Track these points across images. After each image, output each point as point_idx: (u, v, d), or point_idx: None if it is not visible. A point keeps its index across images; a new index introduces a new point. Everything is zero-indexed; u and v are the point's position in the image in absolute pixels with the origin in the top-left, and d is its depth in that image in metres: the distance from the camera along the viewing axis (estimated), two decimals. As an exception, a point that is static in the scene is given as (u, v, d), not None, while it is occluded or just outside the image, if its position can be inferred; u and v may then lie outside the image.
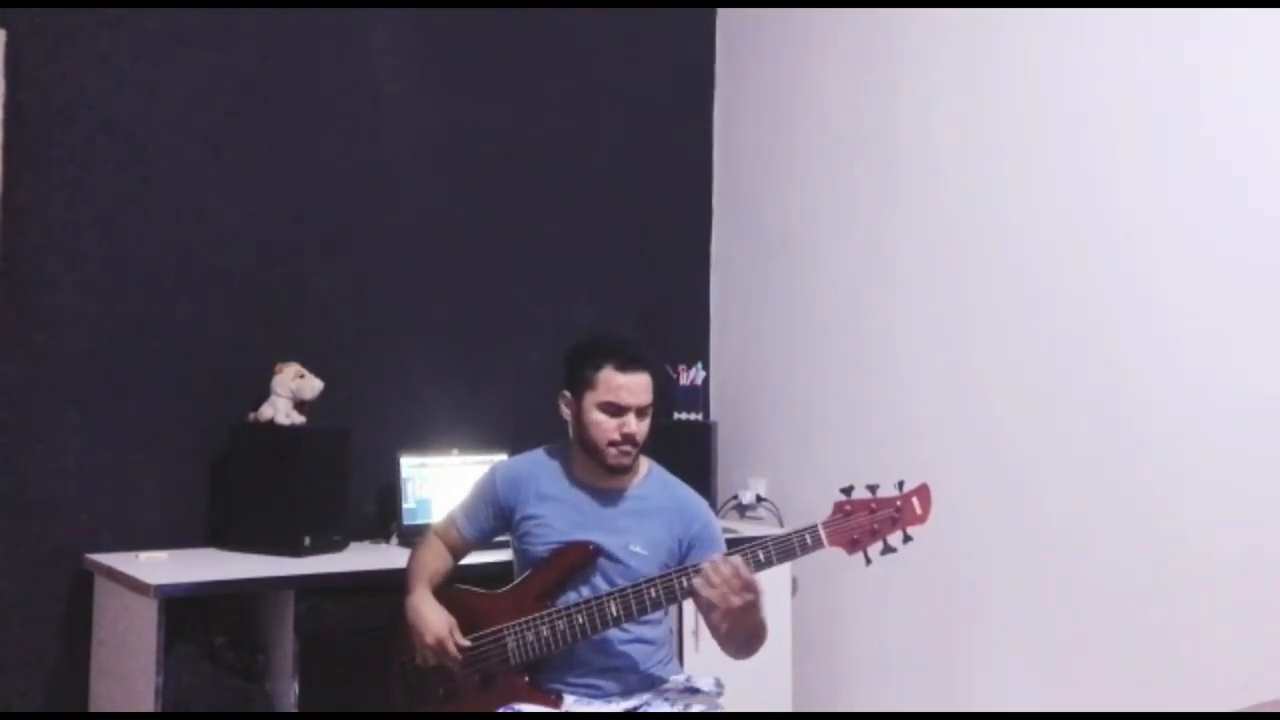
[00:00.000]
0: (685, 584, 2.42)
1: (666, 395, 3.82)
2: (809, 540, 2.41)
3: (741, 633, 2.44)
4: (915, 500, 2.42)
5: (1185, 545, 2.86)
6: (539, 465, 2.71)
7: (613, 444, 2.55)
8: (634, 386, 2.54)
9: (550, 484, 2.66)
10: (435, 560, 2.71)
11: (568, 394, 2.62)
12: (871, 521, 2.41)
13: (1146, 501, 2.94)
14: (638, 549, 2.57)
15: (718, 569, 2.35)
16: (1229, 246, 2.82)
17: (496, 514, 2.70)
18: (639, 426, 2.56)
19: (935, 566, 3.29)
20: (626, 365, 2.55)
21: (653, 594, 2.45)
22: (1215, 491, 2.81)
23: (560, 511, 2.62)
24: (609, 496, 2.64)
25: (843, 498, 2.44)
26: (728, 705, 2.61)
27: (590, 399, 2.56)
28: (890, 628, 3.53)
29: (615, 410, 2.55)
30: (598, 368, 2.56)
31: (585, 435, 2.59)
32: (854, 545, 2.41)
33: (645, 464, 2.71)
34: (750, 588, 2.34)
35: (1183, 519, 2.87)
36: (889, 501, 2.42)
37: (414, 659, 2.61)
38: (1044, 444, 3.16)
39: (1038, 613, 3.16)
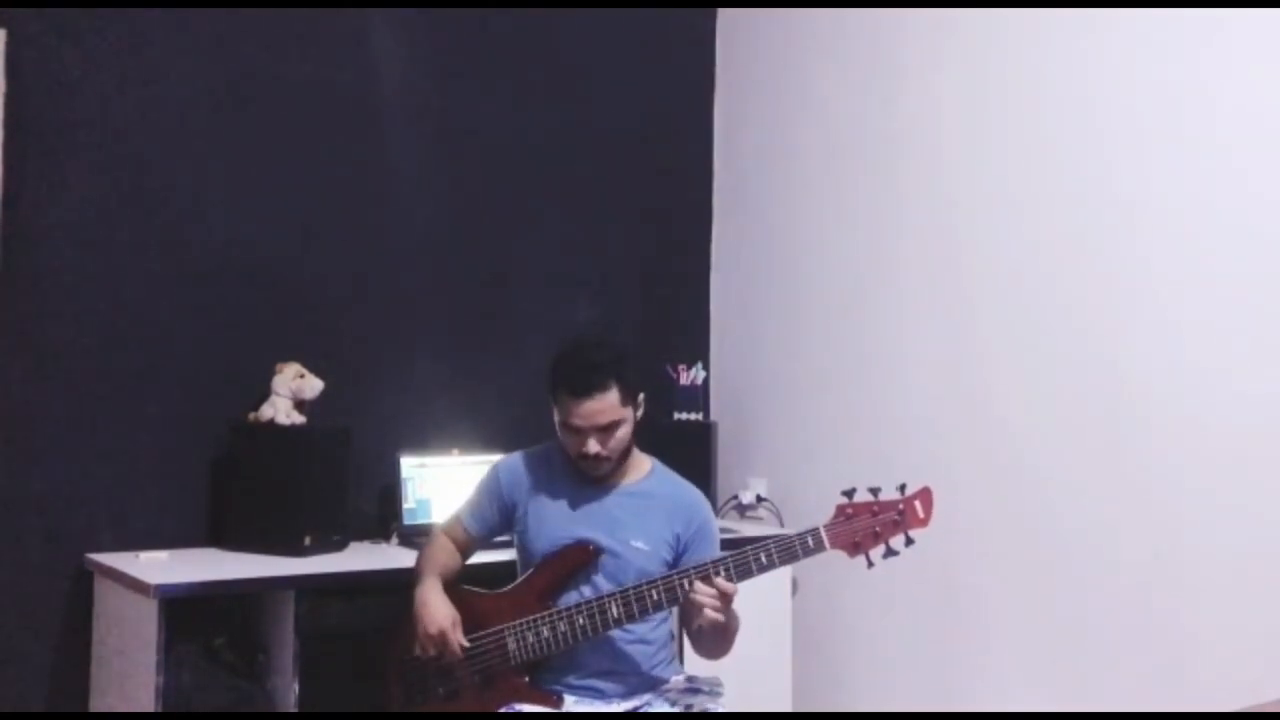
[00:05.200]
0: (687, 586, 2.43)
1: (667, 395, 3.83)
2: (811, 542, 2.42)
3: (713, 633, 2.50)
4: (917, 503, 2.43)
5: (1186, 545, 2.87)
6: (541, 461, 2.72)
7: (582, 458, 2.58)
8: (586, 412, 2.53)
9: (552, 479, 2.68)
10: (444, 555, 2.72)
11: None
12: (874, 524, 2.42)
13: (1148, 502, 2.94)
14: (639, 544, 2.58)
15: (709, 584, 2.41)
16: (1234, 245, 2.82)
17: (501, 508, 2.71)
18: (601, 446, 2.55)
19: (935, 567, 3.29)
20: (578, 391, 2.53)
21: (654, 596, 2.46)
22: (1217, 492, 2.81)
23: (562, 506, 2.64)
24: (610, 492, 2.64)
25: (844, 500, 2.45)
26: (728, 705, 2.62)
27: (556, 416, 2.60)
28: (890, 628, 3.53)
29: (573, 431, 2.56)
30: (555, 390, 2.57)
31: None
32: (856, 548, 2.43)
33: (648, 462, 2.72)
34: (729, 601, 2.41)
35: (1184, 519, 2.87)
36: (891, 504, 2.43)
37: (412, 654, 2.61)
38: (1046, 445, 3.16)
39: (1038, 613, 3.16)
